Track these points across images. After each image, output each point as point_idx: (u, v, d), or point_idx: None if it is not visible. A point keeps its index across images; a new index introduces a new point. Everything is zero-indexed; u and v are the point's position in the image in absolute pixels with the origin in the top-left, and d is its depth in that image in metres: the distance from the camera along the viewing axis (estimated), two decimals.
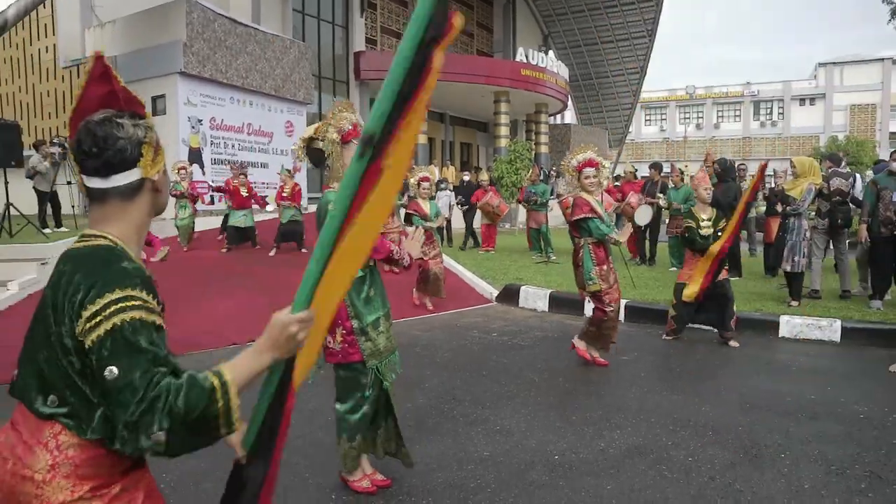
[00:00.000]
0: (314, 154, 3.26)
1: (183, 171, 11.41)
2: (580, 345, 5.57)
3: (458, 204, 14.09)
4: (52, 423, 1.35)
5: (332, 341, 3.08)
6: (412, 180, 7.87)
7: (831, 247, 8.38)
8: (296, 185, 12.09)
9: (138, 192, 1.48)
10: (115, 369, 1.24)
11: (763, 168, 6.66)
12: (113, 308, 1.28)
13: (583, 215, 5.32)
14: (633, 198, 10.30)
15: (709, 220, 6.22)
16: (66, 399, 1.34)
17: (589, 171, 5.34)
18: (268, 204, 13.11)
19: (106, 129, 1.43)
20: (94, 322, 1.27)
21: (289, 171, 12.46)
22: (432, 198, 8.11)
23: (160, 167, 1.52)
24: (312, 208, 13.52)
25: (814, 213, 7.87)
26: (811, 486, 3.27)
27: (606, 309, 5.36)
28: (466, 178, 15.22)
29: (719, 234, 6.08)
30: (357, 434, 3.15)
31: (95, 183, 1.45)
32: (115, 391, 1.24)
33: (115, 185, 1.45)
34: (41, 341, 1.37)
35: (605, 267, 5.39)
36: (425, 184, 7.77)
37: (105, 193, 1.45)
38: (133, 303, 1.30)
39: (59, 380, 1.34)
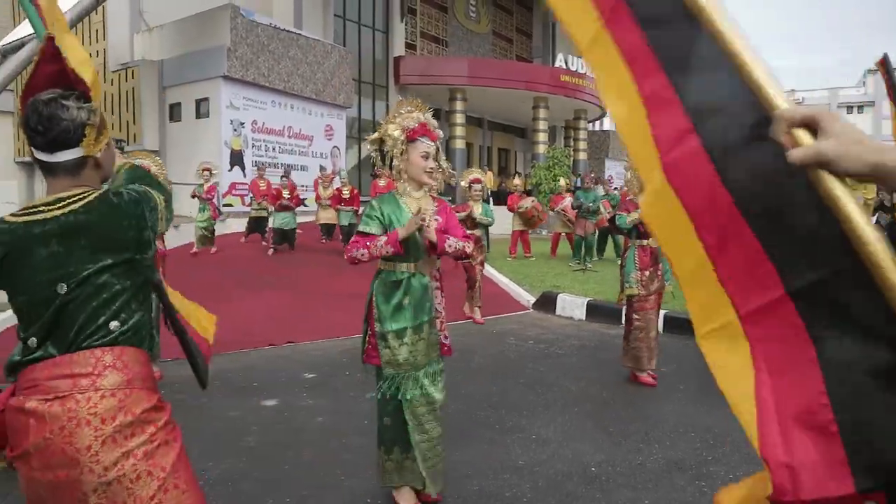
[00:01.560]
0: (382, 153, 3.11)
1: (207, 174, 11.30)
2: (639, 373, 5.25)
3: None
4: (111, 347, 1.56)
5: (369, 343, 3.04)
6: (463, 182, 7.70)
7: None
8: (353, 188, 12.36)
9: (82, 167, 1.63)
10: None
11: None
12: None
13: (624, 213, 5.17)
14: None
15: None
16: (130, 317, 1.60)
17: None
18: (303, 202, 13.36)
19: (51, 110, 1.55)
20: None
21: (336, 175, 12.83)
22: (486, 200, 7.93)
23: (101, 146, 1.66)
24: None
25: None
26: None
27: (633, 316, 5.17)
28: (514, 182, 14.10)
29: None
30: (381, 445, 3.03)
31: (42, 157, 1.59)
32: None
33: (59, 161, 1.59)
34: (91, 287, 1.56)
35: (647, 273, 5.17)
36: (477, 186, 7.59)
37: (52, 166, 1.60)
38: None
39: (120, 303, 1.59)
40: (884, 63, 5.56)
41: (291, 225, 11.87)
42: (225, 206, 14.63)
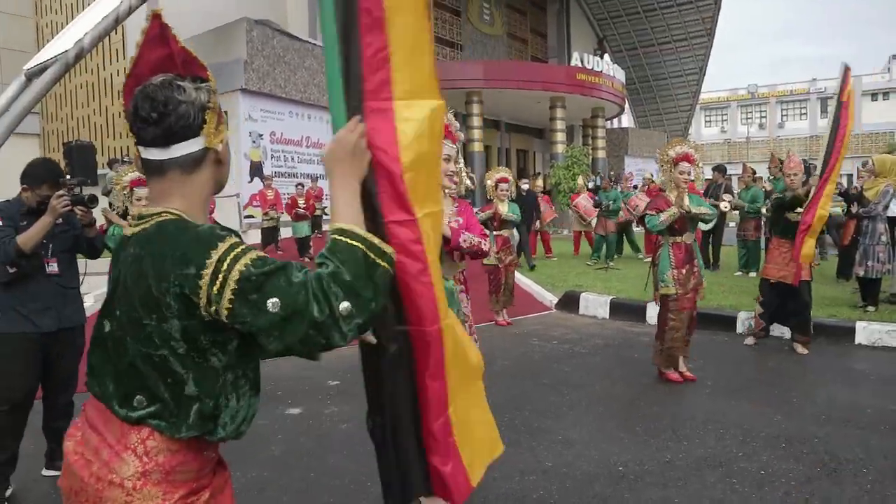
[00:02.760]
0: None
1: None
2: (665, 371, 5.19)
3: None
4: (139, 427, 1.27)
5: None
6: (489, 182, 7.62)
7: None
8: None
9: (200, 165, 1.34)
10: (275, 300, 1.15)
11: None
12: (229, 259, 1.18)
13: (646, 210, 5.06)
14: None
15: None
16: (159, 396, 1.26)
17: (684, 166, 4.91)
18: (316, 210, 13.46)
19: (166, 93, 1.29)
20: (219, 283, 1.17)
21: None
22: (513, 200, 7.83)
23: (223, 136, 1.39)
24: None
25: None
26: None
27: (669, 315, 5.01)
28: (525, 186, 12.85)
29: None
30: None
31: (154, 154, 1.31)
32: (290, 312, 1.15)
33: (175, 156, 1.31)
34: (121, 342, 1.28)
35: (683, 270, 4.99)
36: (503, 185, 7.45)
37: (164, 165, 1.31)
38: (241, 248, 1.21)
39: (152, 377, 1.25)
40: None
41: (306, 233, 11.95)
42: (246, 217, 14.77)
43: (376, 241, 1.24)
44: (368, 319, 1.22)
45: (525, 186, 12.31)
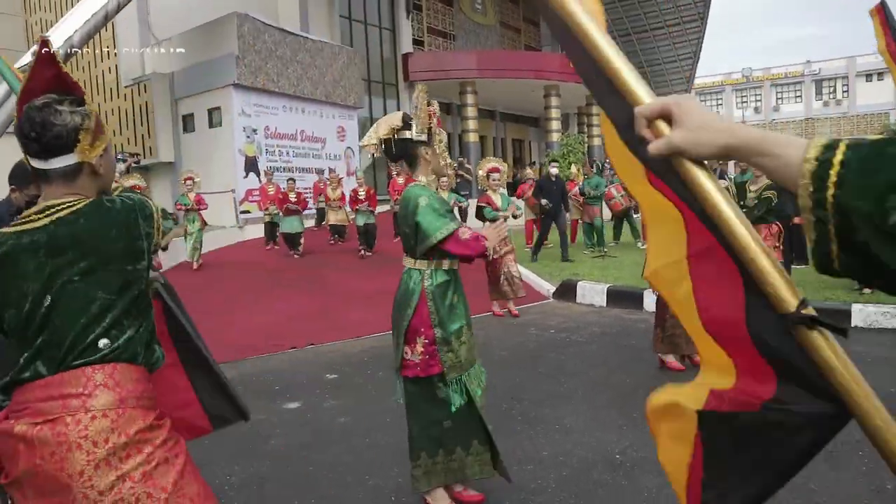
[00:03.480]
0: (399, 146, 2.93)
1: (189, 182, 10.88)
2: (665, 358, 5.15)
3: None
4: (102, 365, 1.48)
5: (411, 352, 2.82)
6: (480, 172, 7.58)
7: None
8: (370, 188, 12.41)
9: (78, 174, 1.57)
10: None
11: None
12: (156, 210, 1.72)
13: None
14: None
15: (756, 191, 5.94)
16: (122, 333, 1.53)
17: None
18: (308, 207, 13.42)
19: (43, 115, 1.50)
20: (156, 222, 1.67)
21: (349, 176, 12.90)
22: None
23: (99, 151, 1.59)
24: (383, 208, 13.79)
25: None
26: (895, 486, 3.09)
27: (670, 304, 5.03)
28: (554, 170, 11.45)
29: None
30: (440, 449, 2.88)
31: (37, 164, 1.55)
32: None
33: (54, 167, 1.54)
34: (80, 302, 1.49)
35: None
36: (495, 175, 7.46)
37: (47, 173, 1.55)
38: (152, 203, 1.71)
39: (111, 318, 1.51)
40: (882, 9, 5.47)
41: (298, 229, 11.78)
42: (243, 212, 14.76)
43: None
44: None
45: (554, 171, 11.41)
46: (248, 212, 14.93)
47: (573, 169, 13.90)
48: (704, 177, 0.90)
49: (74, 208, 1.52)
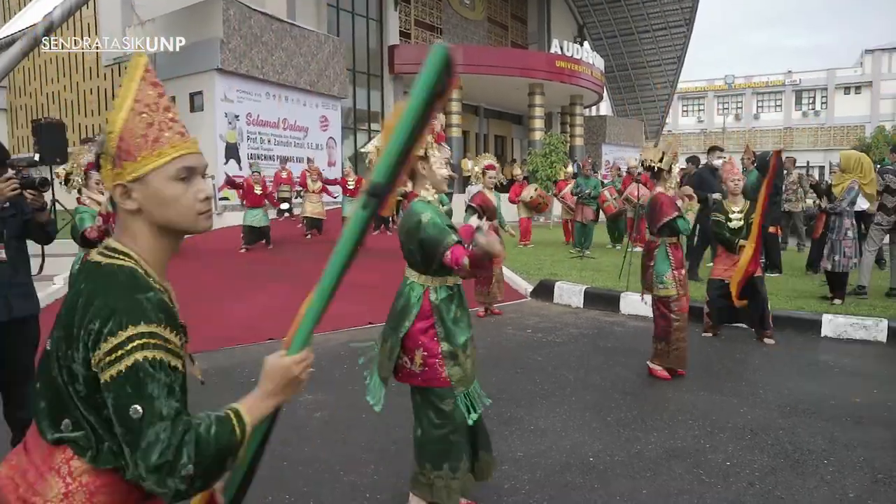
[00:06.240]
0: None
1: None
2: (656, 368, 5.07)
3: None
4: (64, 447, 1.27)
5: (410, 363, 2.79)
6: (476, 168, 7.27)
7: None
8: (360, 178, 12.18)
9: None
10: (139, 408, 1.15)
11: (776, 155, 6.24)
12: (136, 343, 1.18)
13: (675, 215, 4.88)
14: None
15: (740, 211, 6.00)
16: (80, 424, 1.25)
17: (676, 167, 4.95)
18: (283, 203, 13.14)
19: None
20: (114, 356, 1.17)
21: (339, 164, 12.71)
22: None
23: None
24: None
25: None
26: (856, 495, 3.18)
27: (672, 317, 4.92)
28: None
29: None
30: (445, 463, 2.80)
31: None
32: (139, 432, 1.16)
33: None
34: (54, 363, 1.27)
35: (683, 271, 4.99)
36: (492, 172, 7.08)
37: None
38: (156, 341, 1.20)
39: (70, 405, 1.25)
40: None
41: (264, 222, 11.43)
42: (222, 199, 14.60)
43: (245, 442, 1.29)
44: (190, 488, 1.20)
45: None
46: (227, 199, 14.77)
47: (568, 169, 13.98)
48: None
49: None
